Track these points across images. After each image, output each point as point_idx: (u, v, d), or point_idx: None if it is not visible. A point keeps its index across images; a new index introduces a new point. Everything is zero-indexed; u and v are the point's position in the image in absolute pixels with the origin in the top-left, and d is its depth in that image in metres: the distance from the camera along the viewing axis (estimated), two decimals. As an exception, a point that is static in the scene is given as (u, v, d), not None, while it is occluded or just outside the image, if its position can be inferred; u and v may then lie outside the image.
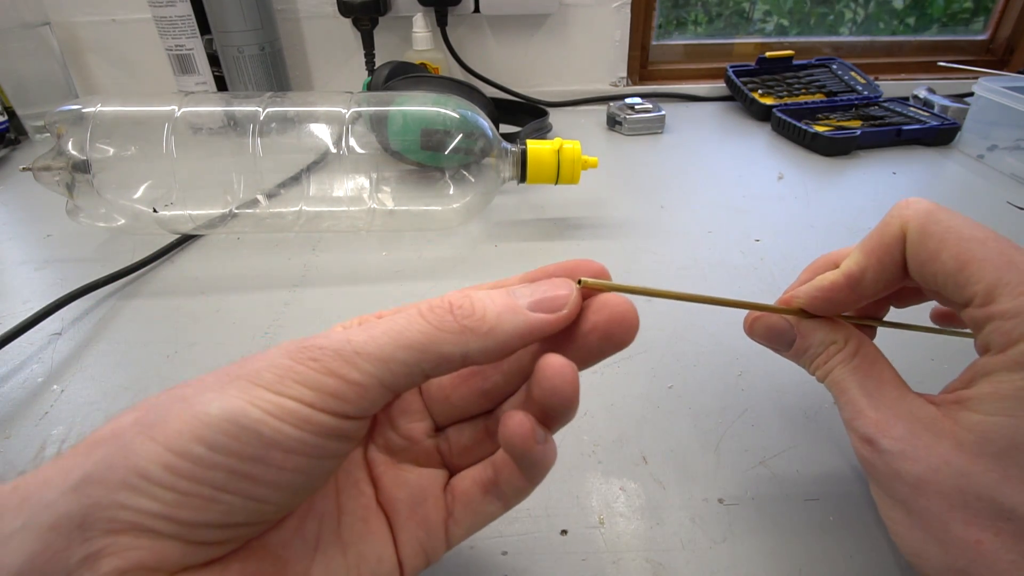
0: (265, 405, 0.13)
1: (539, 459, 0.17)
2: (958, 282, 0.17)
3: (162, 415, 0.13)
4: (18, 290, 0.38)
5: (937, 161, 0.56)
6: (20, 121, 0.62)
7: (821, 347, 0.20)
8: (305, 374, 0.14)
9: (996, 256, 0.16)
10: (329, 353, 0.14)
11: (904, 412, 0.18)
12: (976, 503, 0.16)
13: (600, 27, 0.72)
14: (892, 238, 0.18)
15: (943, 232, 0.17)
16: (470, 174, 0.41)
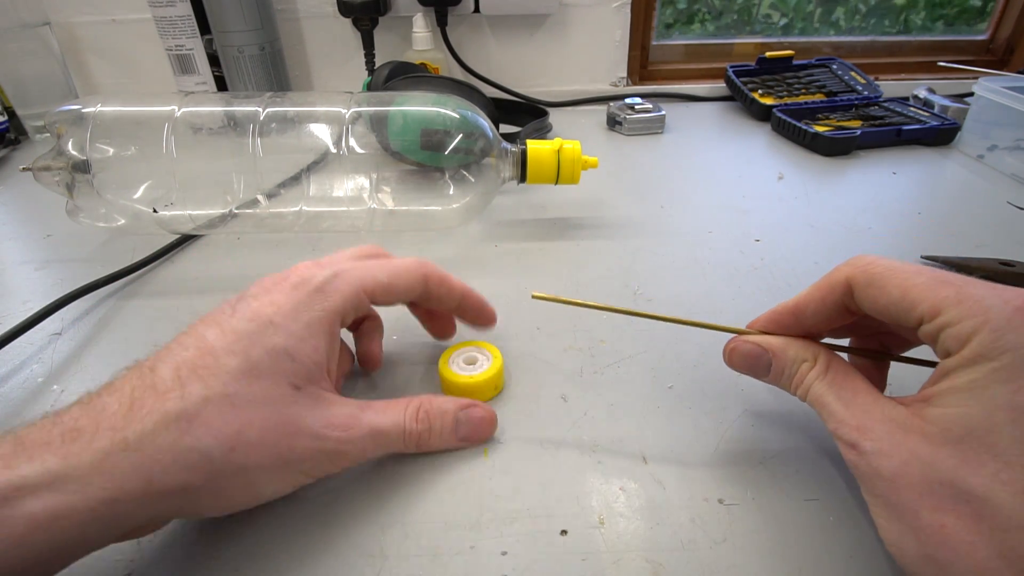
0: (295, 483, 0.22)
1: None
2: (905, 307, 0.19)
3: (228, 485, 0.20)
4: (18, 290, 0.38)
5: (937, 161, 0.56)
6: (20, 121, 0.62)
7: (795, 365, 0.23)
8: (323, 467, 0.22)
9: (930, 280, 0.19)
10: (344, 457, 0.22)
11: (879, 415, 0.19)
12: (940, 489, 0.17)
13: (600, 27, 0.72)
14: (836, 283, 0.21)
15: (884, 271, 0.20)
16: (470, 174, 0.41)
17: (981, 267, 0.37)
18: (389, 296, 0.25)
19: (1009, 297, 0.17)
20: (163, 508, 0.19)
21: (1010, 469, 0.16)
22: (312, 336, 0.22)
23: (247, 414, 0.19)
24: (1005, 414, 0.17)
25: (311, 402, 0.21)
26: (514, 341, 0.32)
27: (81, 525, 0.16)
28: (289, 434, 0.20)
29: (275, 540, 0.22)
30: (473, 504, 0.23)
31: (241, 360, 0.20)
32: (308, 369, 0.21)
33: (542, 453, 0.26)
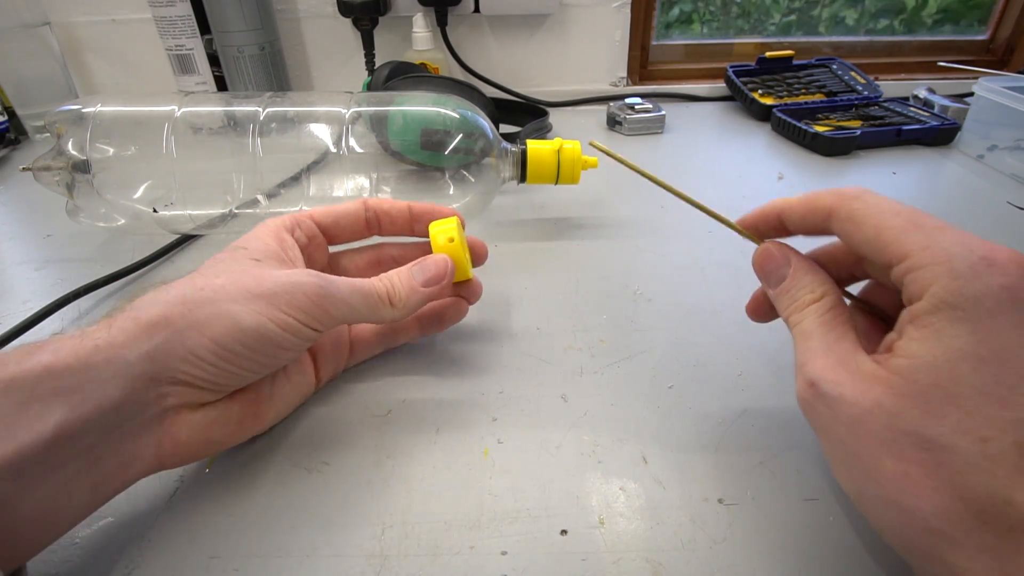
0: (278, 322, 0.22)
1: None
2: (877, 247, 0.19)
3: (206, 316, 0.21)
4: (18, 290, 0.38)
5: (937, 161, 0.56)
6: (20, 121, 0.62)
7: (802, 291, 0.22)
8: (304, 303, 0.23)
9: (905, 222, 0.19)
10: (325, 292, 0.23)
11: (851, 364, 0.19)
12: (903, 439, 0.17)
13: (600, 27, 0.72)
14: (818, 207, 0.22)
15: (863, 208, 0.20)
16: (470, 174, 0.41)
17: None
18: (331, 218, 0.29)
19: (975, 246, 0.18)
20: (156, 343, 0.21)
21: (971, 418, 0.16)
22: (259, 239, 0.26)
23: (212, 272, 0.23)
24: (968, 364, 0.17)
25: (275, 265, 0.25)
26: (514, 341, 0.32)
27: (88, 354, 0.19)
28: (255, 276, 0.23)
29: (275, 540, 0.22)
30: (473, 504, 0.23)
31: (208, 261, 0.24)
32: (263, 251, 0.25)
33: (542, 453, 0.26)
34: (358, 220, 0.30)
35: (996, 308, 0.17)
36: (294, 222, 0.28)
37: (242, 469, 0.25)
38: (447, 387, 0.29)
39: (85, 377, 0.19)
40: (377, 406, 0.28)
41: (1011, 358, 0.17)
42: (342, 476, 0.25)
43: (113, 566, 0.21)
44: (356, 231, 0.30)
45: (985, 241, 0.18)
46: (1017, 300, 0.17)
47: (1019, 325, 0.17)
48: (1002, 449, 0.16)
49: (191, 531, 0.22)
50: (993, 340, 0.17)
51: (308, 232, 0.28)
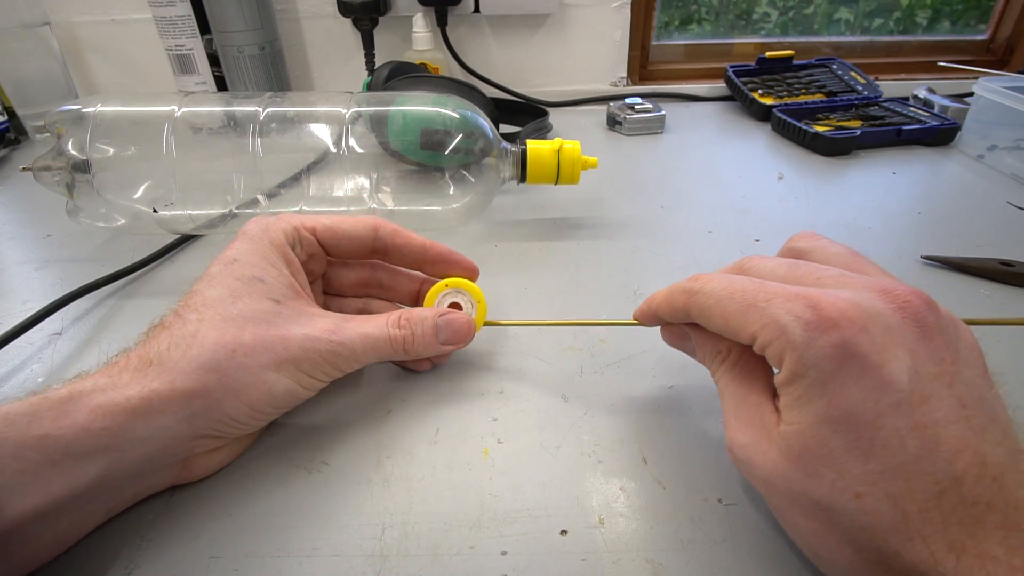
0: (304, 384, 0.24)
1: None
2: (731, 333, 0.20)
3: (242, 384, 0.22)
4: (18, 290, 0.38)
5: (937, 161, 0.56)
6: (20, 121, 0.62)
7: (711, 355, 0.23)
8: (323, 368, 0.24)
9: (741, 306, 0.20)
10: (340, 357, 0.25)
11: (756, 421, 0.20)
12: (801, 499, 0.18)
13: (600, 27, 0.72)
14: (678, 306, 0.23)
15: (706, 302, 0.21)
16: (470, 174, 0.41)
17: (981, 267, 0.37)
18: (335, 236, 0.28)
19: (799, 311, 0.18)
20: (193, 411, 0.22)
21: (843, 477, 0.17)
22: (271, 265, 0.25)
23: (238, 325, 0.23)
24: (827, 426, 0.17)
25: (293, 314, 0.24)
26: (514, 341, 0.32)
27: (127, 418, 0.20)
28: (280, 338, 0.23)
29: (275, 540, 0.22)
30: (473, 504, 0.23)
31: (220, 289, 0.24)
32: (280, 288, 0.25)
33: (542, 453, 0.26)
34: (363, 244, 0.28)
35: (834, 368, 0.17)
36: (295, 237, 0.27)
37: (242, 469, 0.25)
38: (447, 387, 0.29)
39: (122, 439, 0.20)
40: (377, 406, 0.28)
41: (860, 412, 0.17)
42: (342, 476, 0.25)
43: (113, 566, 0.21)
44: (359, 254, 0.29)
45: (813, 297, 0.18)
46: (850, 355, 0.17)
47: (859, 377, 0.17)
48: (876, 502, 0.17)
49: (191, 531, 0.22)
50: (841, 400, 0.17)
51: (309, 249, 0.28)
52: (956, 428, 0.17)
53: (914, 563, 0.16)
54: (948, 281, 0.37)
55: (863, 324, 0.17)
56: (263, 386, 0.23)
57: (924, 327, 0.18)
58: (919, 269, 0.39)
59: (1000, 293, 0.36)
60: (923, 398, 0.17)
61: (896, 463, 0.17)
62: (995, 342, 0.31)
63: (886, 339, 0.17)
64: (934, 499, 0.16)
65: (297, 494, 0.24)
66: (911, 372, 0.17)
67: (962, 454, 0.16)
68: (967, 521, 0.16)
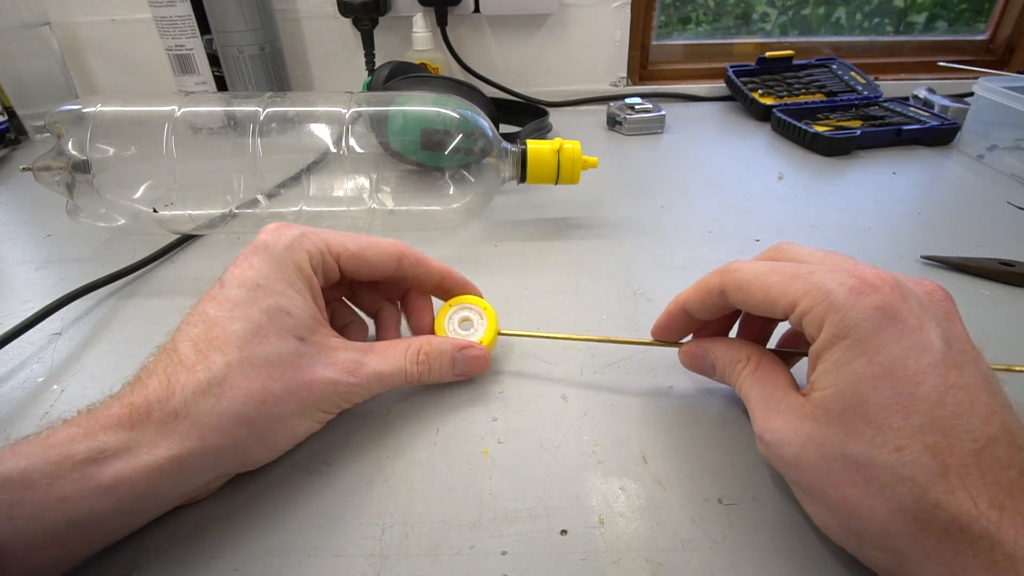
0: (320, 420, 0.25)
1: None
2: (769, 305, 0.21)
3: (271, 433, 0.23)
4: (18, 290, 0.38)
5: (937, 161, 0.56)
6: (20, 121, 0.62)
7: (732, 365, 0.25)
8: (339, 404, 0.25)
9: (784, 277, 0.21)
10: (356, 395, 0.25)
11: (784, 408, 0.21)
12: (835, 464, 0.19)
13: (600, 27, 0.72)
14: (711, 289, 0.24)
15: (747, 276, 0.22)
16: (470, 174, 0.41)
17: (981, 267, 0.37)
18: (359, 265, 0.27)
19: (843, 279, 0.19)
20: (221, 464, 0.22)
21: (882, 432, 0.18)
22: (297, 293, 0.24)
23: (266, 371, 0.22)
24: (867, 384, 0.18)
25: (317, 351, 0.24)
26: (514, 341, 0.32)
27: (153, 480, 0.20)
28: (307, 383, 0.23)
29: (275, 540, 0.22)
30: (473, 504, 0.23)
31: (244, 323, 0.22)
32: (305, 321, 0.24)
33: (542, 453, 0.26)
34: (384, 273, 0.28)
35: (876, 327, 0.18)
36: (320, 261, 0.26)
37: (242, 469, 0.25)
38: (447, 387, 0.29)
39: (150, 498, 0.20)
40: (377, 406, 0.28)
41: (900, 368, 0.18)
42: (342, 476, 0.25)
43: (113, 566, 0.21)
44: (378, 279, 0.28)
45: (855, 267, 0.20)
46: (891, 315, 0.18)
47: (899, 337, 0.18)
48: (916, 454, 0.17)
49: (191, 531, 0.22)
50: (881, 357, 0.18)
51: (329, 274, 0.26)
52: (986, 396, 0.18)
53: (955, 515, 0.16)
54: (948, 281, 0.37)
55: (902, 293, 0.19)
56: (289, 432, 0.23)
57: (949, 312, 0.20)
58: (919, 269, 0.39)
59: (1000, 293, 0.36)
60: (957, 363, 0.18)
61: (935, 417, 0.17)
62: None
63: (921, 311, 0.19)
64: (972, 455, 0.17)
65: (297, 494, 0.24)
66: (944, 340, 0.18)
67: (993, 419, 0.17)
68: (1004, 483, 0.16)
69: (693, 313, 0.25)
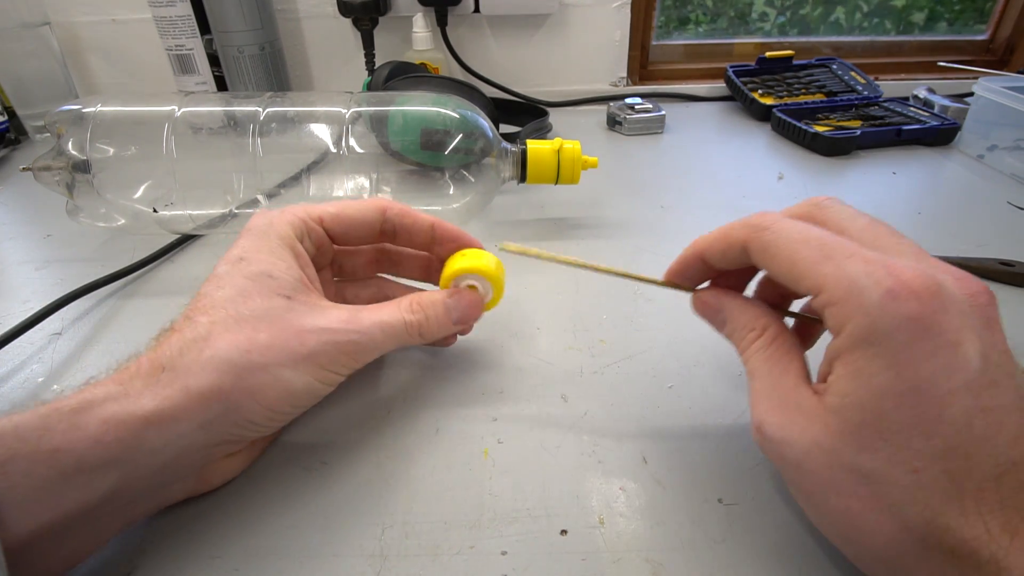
0: (323, 379, 0.24)
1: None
2: (792, 279, 0.19)
3: (260, 384, 0.21)
4: (18, 290, 0.38)
5: (937, 161, 0.56)
6: (20, 121, 0.62)
7: (743, 330, 0.23)
8: (342, 360, 0.24)
9: (816, 253, 0.19)
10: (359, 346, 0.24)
11: (791, 402, 0.20)
12: (842, 475, 0.18)
13: (600, 27, 0.72)
14: (734, 242, 0.22)
15: (775, 240, 0.20)
16: (470, 174, 0.41)
17: (981, 267, 0.37)
18: (342, 224, 0.27)
19: (880, 277, 0.17)
20: (211, 420, 0.21)
21: (901, 452, 0.17)
22: (279, 259, 0.24)
23: (252, 324, 0.22)
24: (890, 400, 0.17)
25: (306, 308, 0.23)
26: (514, 341, 0.32)
27: (139, 431, 0.19)
28: (295, 333, 0.22)
29: (275, 540, 0.22)
30: (473, 504, 0.23)
31: (229, 289, 0.23)
32: (290, 282, 0.24)
33: (542, 453, 0.26)
34: (371, 229, 0.28)
35: (908, 340, 0.17)
36: (304, 229, 0.26)
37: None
38: (447, 387, 0.29)
39: (136, 451, 0.19)
40: (377, 406, 0.28)
41: (928, 388, 0.17)
42: (342, 476, 0.25)
43: (113, 566, 0.21)
44: (367, 239, 0.29)
45: (894, 266, 0.18)
46: (926, 329, 0.17)
47: (932, 354, 0.17)
48: (933, 477, 0.17)
49: (191, 531, 0.22)
50: (910, 373, 0.17)
51: (317, 241, 0.27)
52: (1017, 416, 0.17)
53: (965, 539, 0.16)
54: (948, 281, 0.37)
55: (942, 303, 0.17)
56: (281, 385, 0.22)
57: (990, 320, 0.18)
58: (919, 269, 0.39)
59: (1000, 293, 0.36)
60: (991, 382, 0.17)
61: (959, 441, 0.17)
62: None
63: (961, 322, 0.17)
64: (992, 480, 0.16)
65: (297, 494, 0.24)
66: (982, 356, 0.17)
67: (1020, 440, 0.17)
68: (1021, 506, 0.16)
69: (711, 262, 0.23)
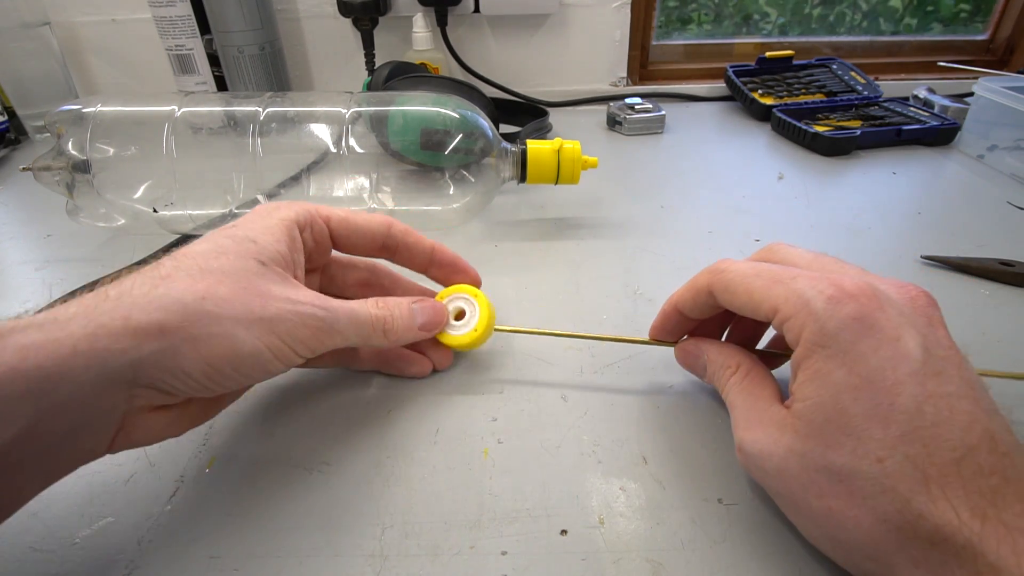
0: (275, 349, 0.22)
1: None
2: (752, 307, 0.21)
3: (206, 335, 0.20)
4: (18, 290, 0.38)
5: (937, 161, 0.56)
6: (20, 121, 0.62)
7: (721, 370, 0.25)
8: (302, 335, 0.22)
9: (767, 281, 0.21)
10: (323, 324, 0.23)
11: (766, 419, 0.21)
12: (817, 476, 0.18)
13: (600, 27, 0.72)
14: (700, 288, 0.24)
15: (733, 278, 0.22)
16: (470, 174, 0.41)
17: (981, 267, 0.37)
18: (348, 230, 0.27)
19: (823, 287, 0.19)
20: (142, 359, 0.19)
21: (863, 443, 0.18)
22: (271, 232, 0.24)
23: (216, 276, 0.21)
24: (847, 394, 0.18)
25: (278, 278, 0.23)
26: (514, 341, 0.32)
27: (64, 357, 0.18)
28: (260, 294, 0.22)
29: (275, 540, 0.22)
30: (473, 504, 0.23)
31: (209, 245, 0.22)
32: (271, 252, 0.23)
33: (542, 453, 0.26)
34: (375, 241, 0.28)
35: (853, 338, 0.18)
36: (308, 220, 0.26)
37: (242, 469, 0.25)
38: (447, 387, 0.29)
39: (59, 381, 0.18)
40: (377, 406, 0.28)
41: (879, 379, 0.18)
42: (342, 476, 0.25)
43: (113, 566, 0.21)
44: (368, 250, 0.28)
45: (834, 277, 0.20)
46: (868, 327, 0.19)
47: (876, 348, 0.18)
48: (897, 464, 0.17)
49: (191, 531, 0.22)
50: (860, 367, 0.18)
51: (318, 237, 0.27)
52: (967, 403, 0.18)
53: (937, 525, 0.16)
54: (948, 281, 0.37)
55: (879, 303, 0.19)
56: (228, 342, 0.20)
57: (931, 319, 0.20)
58: (919, 269, 0.39)
59: (1000, 293, 0.36)
60: (936, 372, 0.18)
61: (914, 427, 0.17)
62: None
63: (900, 320, 0.19)
64: (952, 464, 0.17)
65: (297, 494, 0.24)
66: (924, 348, 0.18)
67: (974, 427, 0.17)
68: (985, 491, 0.16)
69: (686, 312, 0.26)
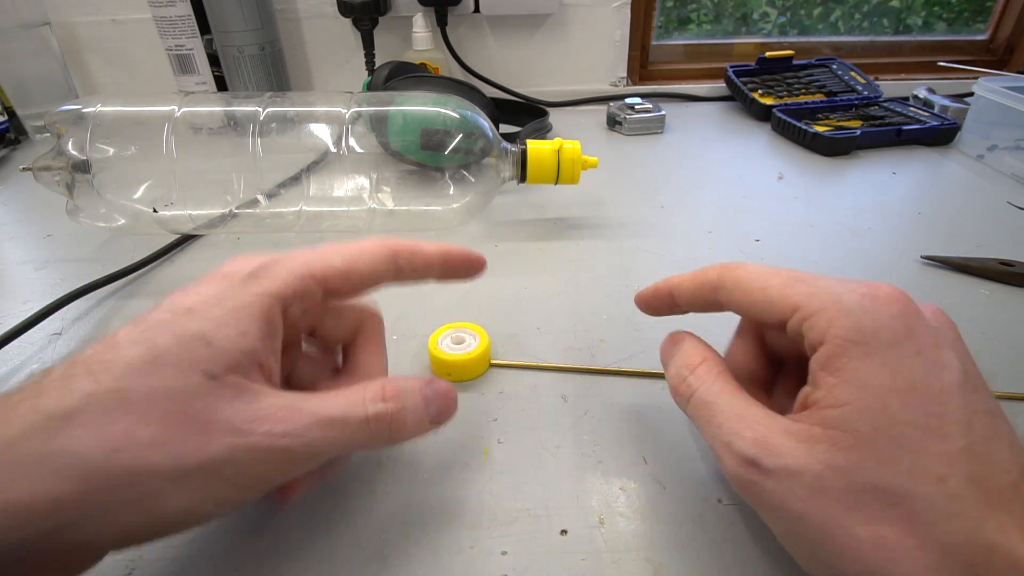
0: (219, 499, 0.17)
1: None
2: (766, 305, 0.19)
3: (113, 501, 0.15)
4: (18, 290, 0.38)
5: (937, 161, 0.56)
6: (20, 121, 0.62)
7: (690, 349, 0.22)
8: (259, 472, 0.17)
9: (786, 279, 0.19)
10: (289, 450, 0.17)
11: (777, 429, 0.17)
12: (867, 496, 0.16)
13: (600, 27, 0.72)
14: (707, 282, 0.22)
15: (747, 275, 0.21)
16: (470, 174, 0.41)
17: (981, 267, 0.37)
18: (350, 281, 0.21)
19: (854, 286, 0.18)
20: (26, 535, 0.14)
21: (922, 459, 0.15)
22: (238, 321, 0.18)
23: (141, 409, 0.16)
24: (895, 399, 0.16)
25: (230, 393, 0.17)
26: (514, 341, 0.32)
27: None
28: (198, 430, 0.16)
29: (275, 540, 0.22)
30: (473, 504, 0.23)
31: (144, 349, 0.17)
32: (229, 356, 0.17)
33: (542, 453, 0.26)
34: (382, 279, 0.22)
35: (894, 339, 0.16)
36: (300, 292, 0.20)
37: (242, 469, 0.25)
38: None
39: None
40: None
41: (922, 388, 0.16)
42: (342, 476, 0.25)
43: (113, 566, 0.21)
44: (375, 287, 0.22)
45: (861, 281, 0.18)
46: (908, 329, 0.17)
47: (917, 353, 0.16)
48: (960, 485, 0.15)
49: (191, 531, 0.22)
50: (903, 371, 0.16)
51: (309, 304, 0.21)
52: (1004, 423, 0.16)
53: (1017, 558, 0.14)
54: (948, 281, 0.37)
55: (916, 310, 0.17)
56: (149, 503, 0.16)
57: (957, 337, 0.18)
58: (919, 269, 0.39)
59: (1000, 293, 0.36)
60: (974, 387, 0.16)
61: (969, 443, 0.15)
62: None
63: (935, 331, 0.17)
64: (1011, 488, 0.15)
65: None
66: (962, 360, 0.17)
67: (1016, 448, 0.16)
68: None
69: (679, 300, 0.23)
